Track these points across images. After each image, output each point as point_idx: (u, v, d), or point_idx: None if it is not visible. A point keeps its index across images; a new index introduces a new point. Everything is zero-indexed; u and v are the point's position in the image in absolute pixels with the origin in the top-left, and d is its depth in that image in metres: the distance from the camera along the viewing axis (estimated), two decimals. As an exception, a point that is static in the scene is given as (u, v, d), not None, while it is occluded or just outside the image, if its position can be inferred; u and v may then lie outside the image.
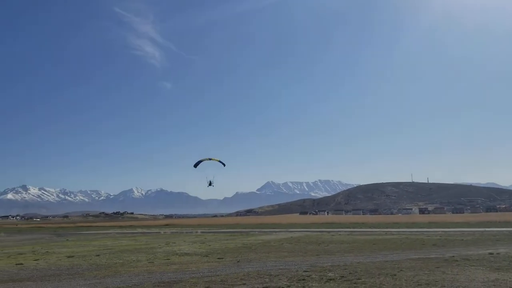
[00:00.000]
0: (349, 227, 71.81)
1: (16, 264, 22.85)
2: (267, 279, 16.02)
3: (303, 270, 18.54)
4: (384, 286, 14.31)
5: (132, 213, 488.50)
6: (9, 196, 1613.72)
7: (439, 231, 53.87)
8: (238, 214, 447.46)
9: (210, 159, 33.53)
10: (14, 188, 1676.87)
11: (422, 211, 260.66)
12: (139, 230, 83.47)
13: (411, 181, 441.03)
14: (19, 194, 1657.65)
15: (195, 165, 34.01)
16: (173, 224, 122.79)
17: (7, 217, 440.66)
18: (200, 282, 15.64)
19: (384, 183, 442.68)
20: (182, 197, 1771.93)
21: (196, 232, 63.29)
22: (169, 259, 24.37)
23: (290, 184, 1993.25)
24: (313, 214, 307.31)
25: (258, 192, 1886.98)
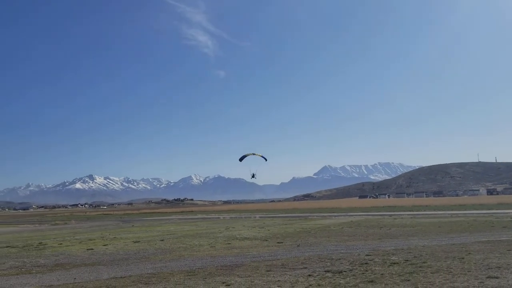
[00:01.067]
0: (412, 210, 69.80)
1: (87, 249, 24.32)
2: (328, 263, 15.97)
3: (365, 254, 18.30)
4: (452, 270, 13.81)
5: (191, 200, 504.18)
6: (78, 185, 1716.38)
7: (510, 212, 51.06)
8: (295, 199, 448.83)
9: (254, 154, 35.24)
10: (81, 178, 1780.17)
11: (490, 192, 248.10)
12: (199, 215, 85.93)
13: (477, 161, 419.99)
14: (87, 184, 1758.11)
15: (241, 159, 35.68)
16: (231, 210, 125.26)
17: (76, 205, 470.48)
18: (261, 266, 15.88)
19: (448, 164, 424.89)
20: (239, 183, 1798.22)
21: (255, 217, 64.14)
22: (229, 244, 24.93)
23: (348, 168, 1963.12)
24: (373, 197, 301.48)
25: (315, 177, 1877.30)
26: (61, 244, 28.57)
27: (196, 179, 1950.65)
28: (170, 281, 13.61)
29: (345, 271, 14.15)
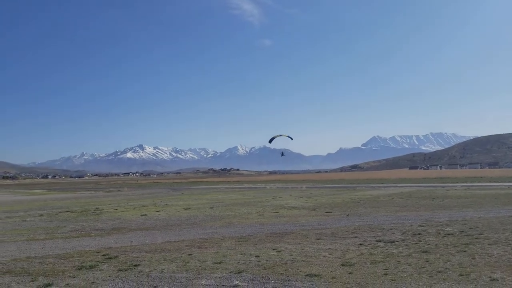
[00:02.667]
0: (466, 182, 67.50)
1: (141, 215, 25.40)
2: (379, 233, 15.84)
3: (417, 224, 17.98)
4: (511, 242, 13.33)
5: (237, 170, 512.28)
6: (129, 155, 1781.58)
7: None
8: (342, 170, 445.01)
9: (280, 135, 37.95)
10: (132, 148, 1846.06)
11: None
12: (246, 185, 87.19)
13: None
14: (137, 153, 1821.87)
15: (270, 141, 38.30)
16: (277, 180, 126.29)
17: (128, 173, 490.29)
18: (310, 234, 16.00)
19: (505, 134, 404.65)
20: (286, 154, 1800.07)
21: (301, 187, 64.34)
22: (277, 212, 25.23)
23: (398, 138, 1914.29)
24: (424, 169, 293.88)
25: (363, 147, 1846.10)
26: (116, 210, 30.00)
27: (242, 149, 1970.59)
28: (222, 246, 14.01)
29: (397, 241, 13.99)
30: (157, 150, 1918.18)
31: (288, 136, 39.30)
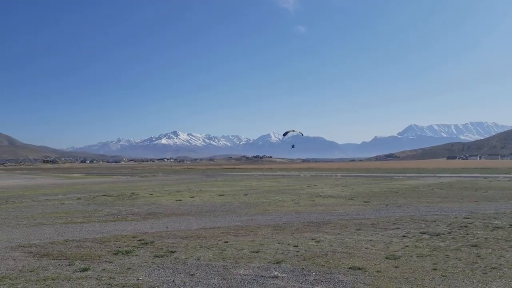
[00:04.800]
0: (508, 173, 64.77)
1: (176, 200, 25.47)
2: (423, 225, 15.13)
3: (462, 216, 17.12)
4: None
5: (270, 157, 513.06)
6: (163, 141, 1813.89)
7: None
8: (377, 158, 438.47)
9: (294, 130, 42.06)
10: (167, 134, 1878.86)
11: None
12: (279, 173, 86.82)
13: None
14: (171, 139, 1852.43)
15: (284, 134, 42.64)
16: (311, 168, 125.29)
17: (162, 159, 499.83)
18: (350, 224, 15.47)
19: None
20: (318, 142, 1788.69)
21: (336, 176, 63.42)
22: (313, 201, 24.75)
23: (436, 127, 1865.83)
24: (463, 159, 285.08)
25: (399, 136, 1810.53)
26: (151, 194, 30.26)
27: (275, 137, 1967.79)
28: (258, 234, 13.69)
29: (443, 234, 13.28)
30: (190, 136, 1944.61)
31: (300, 133, 43.07)
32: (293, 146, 55.19)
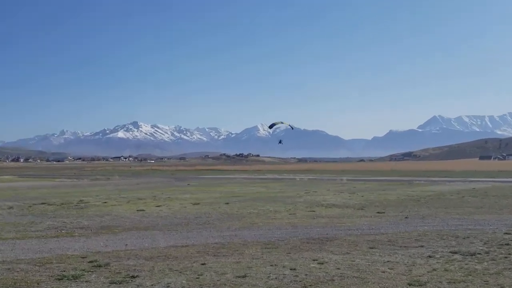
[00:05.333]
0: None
1: (138, 210, 25.29)
2: (453, 242, 15.20)
3: (502, 232, 17.28)
4: None
5: (257, 156, 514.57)
6: (120, 134, 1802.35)
7: None
8: (392, 158, 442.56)
9: (282, 122, 43.11)
10: (124, 125, 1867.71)
11: None
12: (269, 175, 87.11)
13: None
14: (130, 132, 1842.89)
15: (270, 127, 44.01)
16: (309, 170, 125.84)
17: (119, 158, 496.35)
18: (361, 241, 15.46)
19: None
20: (319, 137, 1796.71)
21: (341, 179, 63.77)
22: (313, 211, 24.80)
23: (466, 119, 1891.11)
24: (499, 159, 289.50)
25: (419, 130, 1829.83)
26: (105, 203, 30.01)
27: (264, 130, 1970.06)
28: (244, 253, 13.59)
29: (479, 254, 13.34)
30: (155, 129, 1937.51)
31: (289, 125, 44.51)
32: (280, 142, 56.31)
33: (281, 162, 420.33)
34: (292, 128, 46.85)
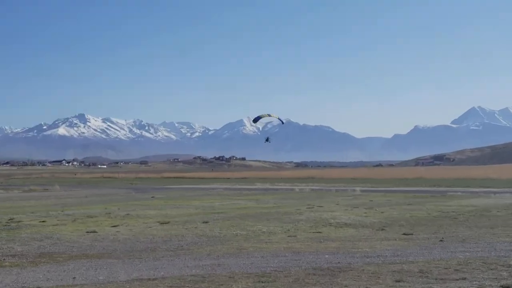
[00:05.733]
0: None
1: (88, 232, 25.10)
2: (504, 273, 15.24)
3: None
4: None
5: (243, 159, 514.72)
6: (61, 130, 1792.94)
7: None
8: (418, 162, 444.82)
9: (269, 115, 45.35)
10: (67, 119, 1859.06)
11: None
12: (259, 185, 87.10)
13: None
14: (75, 128, 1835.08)
15: (255, 121, 46.68)
16: (311, 177, 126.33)
17: (60, 162, 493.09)
18: (384, 272, 15.46)
19: None
20: (323, 134, 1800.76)
21: (353, 190, 63.98)
22: (320, 232, 24.83)
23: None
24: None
25: (453, 126, 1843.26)
26: (44, 222, 29.90)
27: (251, 125, 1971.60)
28: (232, 290, 13.57)
29: (539, 288, 13.41)
30: (108, 124, 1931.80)
31: (279, 119, 46.90)
32: (267, 140, 57.39)
33: (274, 167, 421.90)
34: (283, 123, 49.19)
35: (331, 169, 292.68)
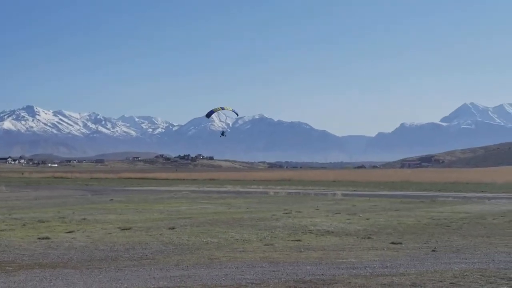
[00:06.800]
0: None
1: (40, 239, 24.81)
2: (505, 287, 15.37)
3: None
4: None
5: (211, 158, 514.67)
6: (7, 124, 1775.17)
7: None
8: (404, 164, 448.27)
9: (222, 108, 47.43)
10: (14, 112, 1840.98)
11: None
12: (229, 187, 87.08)
13: None
14: (23, 122, 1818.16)
15: (208, 115, 49.04)
16: (287, 179, 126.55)
17: (5, 159, 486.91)
18: (372, 285, 15.49)
19: None
20: (300, 132, 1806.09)
21: (334, 194, 64.16)
22: (299, 241, 24.79)
23: (510, 109, 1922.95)
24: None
25: (443, 124, 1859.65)
26: (-11, 226, 29.55)
27: (221, 120, 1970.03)
28: (204, 304, 13.52)
29: (543, 304, 13.54)
30: (60, 117, 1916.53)
31: (233, 111, 49.00)
32: (223, 134, 58.53)
33: (246, 168, 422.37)
34: (237, 115, 52.27)
35: (309, 170, 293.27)
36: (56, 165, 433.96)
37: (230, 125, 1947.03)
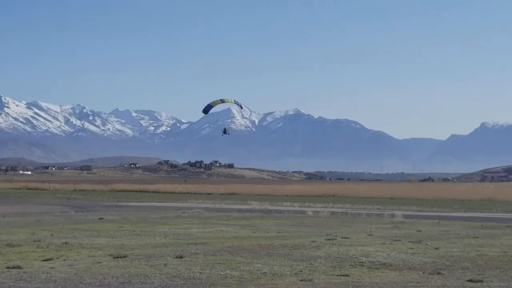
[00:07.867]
0: None
1: (8, 268, 24.79)
2: None
3: None
4: None
5: (231, 166, 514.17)
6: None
7: None
8: (486, 176, 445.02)
9: (222, 101, 48.61)
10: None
11: None
12: (255, 204, 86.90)
13: None
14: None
15: (206, 111, 51.36)
16: (330, 194, 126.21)
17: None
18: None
19: None
20: (347, 133, 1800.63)
21: (393, 215, 63.96)
22: (347, 276, 24.52)
23: None
24: None
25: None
26: None
27: (243, 117, 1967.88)
28: None
29: None
30: (36, 110, 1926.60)
31: (236, 103, 50.18)
32: (224, 132, 59.71)
33: (276, 179, 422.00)
34: (241, 107, 52.71)
35: (359, 183, 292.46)
36: (29, 172, 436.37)
37: (256, 123, 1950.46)
